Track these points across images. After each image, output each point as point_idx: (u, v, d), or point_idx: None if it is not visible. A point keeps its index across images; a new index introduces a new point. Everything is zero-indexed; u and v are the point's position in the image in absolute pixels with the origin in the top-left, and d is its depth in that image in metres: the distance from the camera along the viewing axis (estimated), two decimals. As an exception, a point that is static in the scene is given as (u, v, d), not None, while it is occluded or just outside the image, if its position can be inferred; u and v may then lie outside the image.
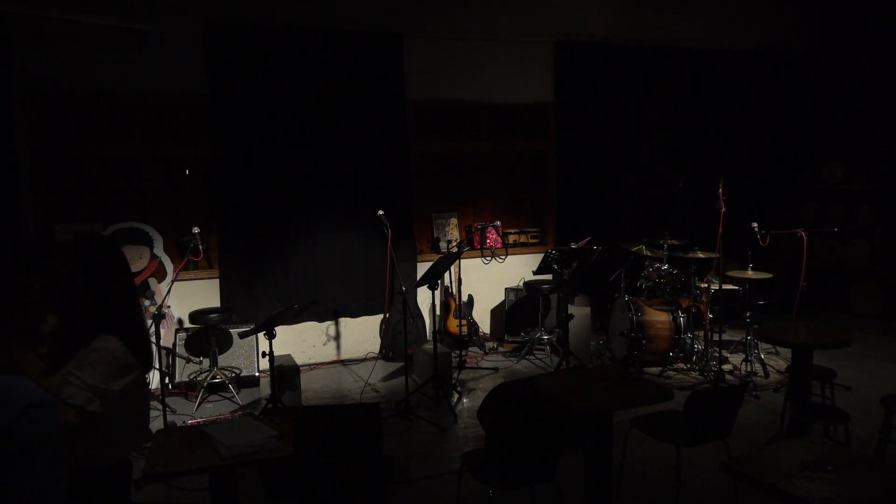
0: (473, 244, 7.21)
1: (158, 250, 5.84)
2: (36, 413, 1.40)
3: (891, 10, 7.94)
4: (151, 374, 5.55)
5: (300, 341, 6.59)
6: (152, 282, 5.78)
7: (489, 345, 7.05)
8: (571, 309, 6.01)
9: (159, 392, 5.07)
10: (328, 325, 6.72)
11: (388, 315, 6.72)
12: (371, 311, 6.79)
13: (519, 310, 7.04)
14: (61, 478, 1.44)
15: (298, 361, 6.07)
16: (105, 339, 2.27)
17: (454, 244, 6.88)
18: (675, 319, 6.09)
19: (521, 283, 7.08)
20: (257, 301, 6.29)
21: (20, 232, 5.55)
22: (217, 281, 6.22)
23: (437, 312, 6.83)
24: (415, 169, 6.99)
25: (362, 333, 6.84)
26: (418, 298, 6.82)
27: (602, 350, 6.70)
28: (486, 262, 7.27)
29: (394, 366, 6.49)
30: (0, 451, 1.34)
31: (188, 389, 5.75)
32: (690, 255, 5.88)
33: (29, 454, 1.37)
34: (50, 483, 1.41)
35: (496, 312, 7.35)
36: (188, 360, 5.79)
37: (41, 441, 1.40)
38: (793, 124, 8.43)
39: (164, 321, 5.69)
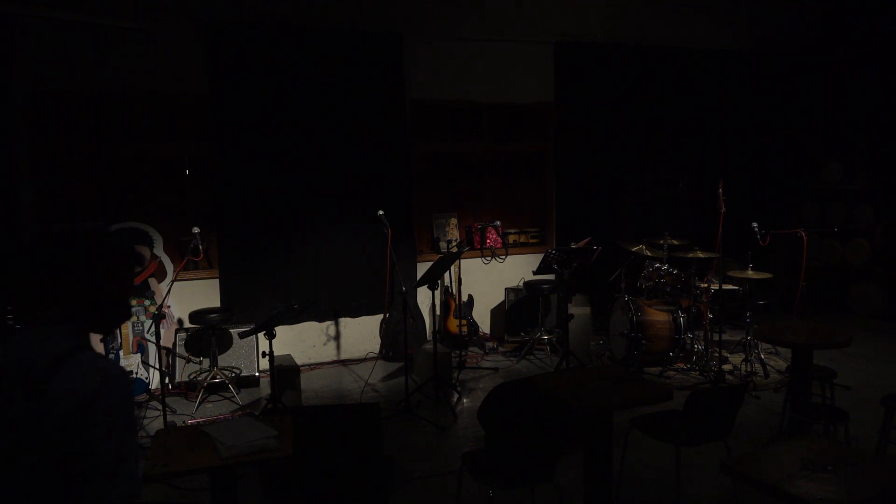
0: (473, 244, 7.20)
1: (158, 250, 5.84)
2: (113, 384, 1.61)
3: (891, 10, 7.94)
4: (151, 373, 5.55)
5: (300, 341, 6.59)
6: (152, 282, 5.78)
7: (489, 345, 7.05)
8: (571, 309, 6.01)
9: (159, 392, 5.07)
10: (328, 325, 6.72)
11: (388, 315, 6.72)
12: (371, 311, 6.79)
13: (519, 310, 7.04)
14: (136, 446, 1.65)
15: (298, 361, 6.07)
16: None
17: (454, 244, 6.88)
18: (675, 319, 6.09)
19: (521, 283, 7.08)
20: (257, 301, 6.29)
21: (20, 232, 5.55)
22: (217, 281, 6.21)
23: (437, 312, 6.83)
24: (415, 169, 6.99)
25: (362, 333, 6.83)
26: (418, 298, 6.82)
27: (602, 350, 6.70)
28: (486, 262, 7.27)
29: (394, 366, 6.50)
30: (83, 415, 1.55)
31: (188, 389, 5.75)
32: (690, 255, 5.88)
33: (107, 421, 1.57)
34: (128, 449, 1.61)
35: (496, 312, 7.35)
36: (188, 360, 5.79)
37: (118, 409, 1.60)
38: (793, 124, 8.43)
39: (164, 321, 5.69)
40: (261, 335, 5.47)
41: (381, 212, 5.60)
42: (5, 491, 1.61)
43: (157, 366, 5.38)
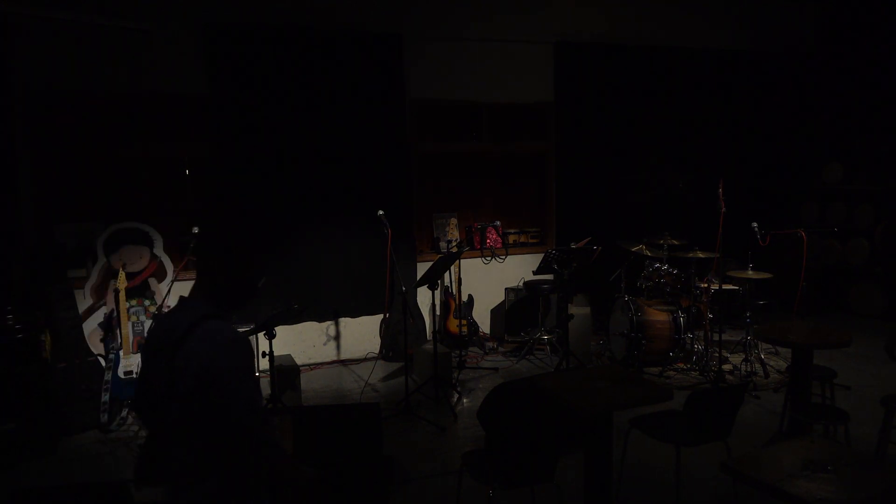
0: (473, 244, 7.20)
1: (158, 250, 5.83)
2: (228, 347, 2.09)
3: (890, 10, 7.94)
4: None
5: (300, 341, 6.59)
6: (152, 282, 5.77)
7: (489, 345, 7.05)
8: (571, 309, 6.01)
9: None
10: (328, 325, 6.72)
11: (388, 315, 6.72)
12: (371, 311, 6.78)
13: (519, 310, 7.04)
14: (255, 393, 2.10)
15: (298, 361, 6.07)
16: None
17: (454, 244, 6.88)
18: (675, 319, 6.09)
19: (521, 283, 7.08)
20: (257, 301, 6.29)
21: (20, 232, 5.55)
22: (217, 281, 6.20)
23: (437, 312, 6.83)
24: (415, 169, 6.99)
25: (362, 333, 6.83)
26: (418, 298, 6.82)
27: (602, 350, 6.70)
28: (486, 262, 7.27)
29: (394, 366, 6.49)
30: (208, 373, 2.01)
31: (188, 389, 5.74)
32: (690, 255, 5.88)
33: (227, 378, 2.03)
34: (245, 398, 2.06)
35: (496, 312, 7.35)
36: (188, 360, 5.78)
37: (233, 368, 2.05)
38: (793, 124, 8.43)
39: (164, 321, 5.68)
40: (261, 335, 5.47)
41: (381, 212, 5.60)
42: (167, 431, 2.12)
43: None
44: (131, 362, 5.18)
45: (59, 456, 4.65)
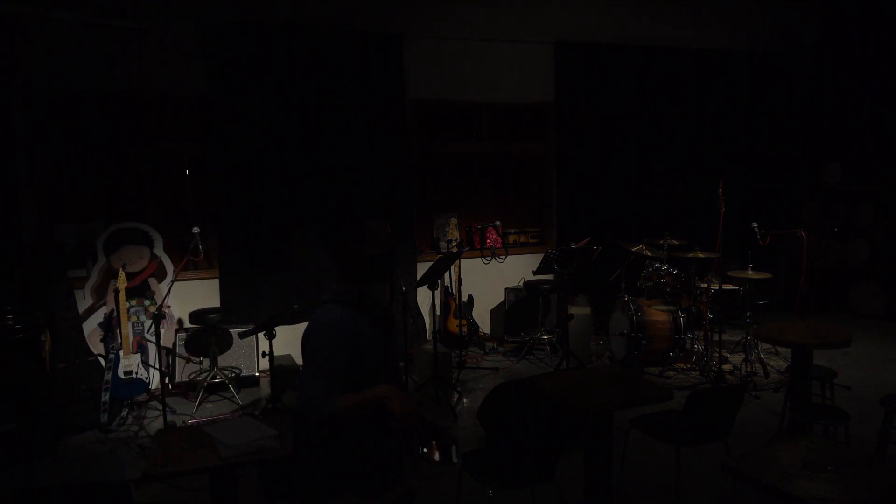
0: (473, 244, 7.21)
1: (158, 250, 5.84)
2: (317, 329, 2.31)
3: (890, 10, 7.94)
4: (151, 373, 5.55)
5: (300, 341, 6.57)
6: (152, 282, 5.78)
7: (489, 345, 7.05)
8: (571, 309, 6.01)
9: (159, 392, 5.07)
10: (328, 325, 6.70)
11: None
12: (371, 311, 6.77)
13: (519, 310, 7.04)
14: (319, 376, 2.23)
15: (298, 361, 6.07)
16: None
17: (454, 244, 6.88)
18: (675, 319, 6.09)
19: (521, 283, 7.08)
20: (257, 301, 6.29)
21: (20, 232, 5.55)
22: (217, 281, 6.21)
23: (437, 312, 6.83)
24: (415, 169, 6.99)
25: (362, 333, 6.82)
26: (418, 298, 6.81)
27: (602, 350, 6.70)
28: (486, 262, 7.27)
29: (394, 366, 6.48)
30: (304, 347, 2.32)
31: (188, 389, 5.75)
32: (690, 255, 5.88)
33: (308, 354, 2.32)
34: (309, 377, 2.25)
35: (496, 312, 7.35)
36: (188, 360, 5.79)
37: (314, 347, 2.30)
38: (793, 124, 8.43)
39: (164, 321, 5.69)
40: (261, 335, 5.47)
41: (381, 212, 5.58)
42: None
43: (157, 366, 5.38)
44: (131, 362, 5.18)
45: (59, 456, 4.65)
